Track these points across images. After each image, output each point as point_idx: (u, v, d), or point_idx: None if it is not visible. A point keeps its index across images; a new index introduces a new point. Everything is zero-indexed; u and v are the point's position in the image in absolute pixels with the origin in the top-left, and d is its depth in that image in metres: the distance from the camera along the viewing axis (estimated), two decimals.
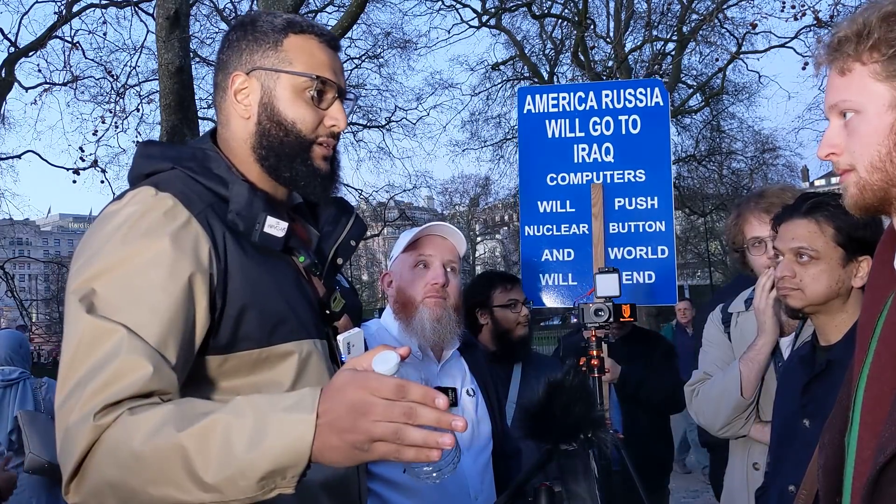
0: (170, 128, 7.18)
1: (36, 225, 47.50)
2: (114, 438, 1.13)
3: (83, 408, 1.15)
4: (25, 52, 13.95)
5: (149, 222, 1.30)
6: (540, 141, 4.37)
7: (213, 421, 1.11)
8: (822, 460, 1.27)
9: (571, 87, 4.59)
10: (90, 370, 1.17)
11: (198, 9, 13.66)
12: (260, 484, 1.08)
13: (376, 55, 19.10)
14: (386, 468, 2.04)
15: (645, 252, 4.19)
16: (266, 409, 1.11)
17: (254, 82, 1.47)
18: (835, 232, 1.93)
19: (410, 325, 2.16)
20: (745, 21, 15.92)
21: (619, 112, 4.31)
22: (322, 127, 1.48)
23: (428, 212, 37.30)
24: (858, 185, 1.23)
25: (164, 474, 1.10)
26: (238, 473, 1.08)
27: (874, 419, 1.15)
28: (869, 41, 1.20)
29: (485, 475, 2.19)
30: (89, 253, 1.30)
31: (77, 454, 1.14)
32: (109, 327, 1.20)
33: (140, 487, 1.12)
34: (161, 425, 1.12)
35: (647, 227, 4.21)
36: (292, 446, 1.07)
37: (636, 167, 4.25)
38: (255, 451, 1.07)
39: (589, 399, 1.97)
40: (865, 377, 1.21)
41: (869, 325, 1.25)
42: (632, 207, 4.23)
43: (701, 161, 21.80)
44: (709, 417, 2.61)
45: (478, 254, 47.74)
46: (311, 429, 1.07)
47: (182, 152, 1.48)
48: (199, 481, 1.09)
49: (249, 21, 1.51)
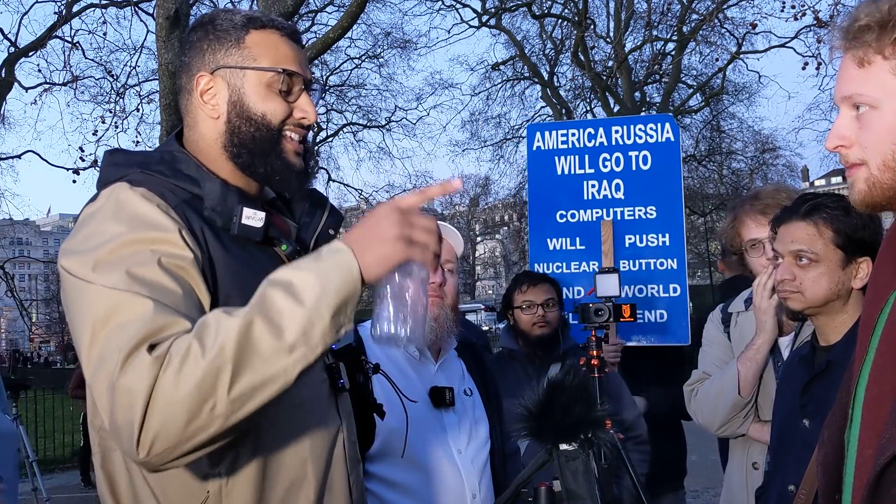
0: (170, 128, 7.17)
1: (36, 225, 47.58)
2: (181, 362, 1.13)
3: (126, 355, 1.14)
4: (25, 52, 13.97)
5: (133, 205, 1.33)
6: (549, 178, 4.32)
7: (264, 290, 1.20)
8: (822, 457, 1.27)
9: (581, 124, 4.56)
10: (115, 329, 1.17)
11: (198, 9, 13.65)
12: (333, 322, 1.19)
13: (376, 55, 19.14)
14: (385, 468, 2.04)
15: (656, 290, 4.11)
16: (316, 261, 1.24)
17: (219, 81, 1.46)
18: (834, 234, 1.93)
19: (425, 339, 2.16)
20: (745, 21, 15.95)
21: (630, 148, 4.25)
22: (291, 118, 1.48)
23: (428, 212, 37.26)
24: (868, 181, 1.20)
25: (243, 360, 1.13)
26: (318, 319, 1.18)
27: (875, 419, 1.15)
28: (894, 33, 1.14)
29: (483, 476, 2.19)
30: (80, 240, 1.31)
31: (143, 394, 1.12)
32: (123, 295, 1.21)
33: (222, 394, 1.13)
34: (218, 323, 1.16)
35: (658, 265, 4.14)
36: (347, 276, 1.21)
37: (647, 204, 4.19)
38: (324, 293, 1.19)
39: (589, 399, 1.97)
40: (866, 375, 1.21)
41: (870, 323, 1.25)
42: (643, 245, 4.17)
43: (701, 161, 21.82)
44: (707, 416, 2.61)
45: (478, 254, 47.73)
46: (353, 257, 1.23)
47: (149, 157, 1.48)
48: (286, 344, 1.16)
49: (209, 20, 1.50)
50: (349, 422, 1.56)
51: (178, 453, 1.15)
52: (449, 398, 2.18)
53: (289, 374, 1.17)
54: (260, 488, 1.36)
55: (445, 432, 2.15)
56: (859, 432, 1.19)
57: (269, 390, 1.17)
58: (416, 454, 2.06)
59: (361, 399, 1.66)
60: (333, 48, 14.36)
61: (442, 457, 2.11)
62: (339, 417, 1.52)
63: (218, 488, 1.33)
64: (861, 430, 1.19)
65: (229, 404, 1.14)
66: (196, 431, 1.13)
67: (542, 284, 3.43)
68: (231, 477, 1.34)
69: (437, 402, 2.16)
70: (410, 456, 2.04)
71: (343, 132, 21.48)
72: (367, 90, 19.98)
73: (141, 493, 1.35)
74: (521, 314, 3.34)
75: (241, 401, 1.15)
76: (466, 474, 2.13)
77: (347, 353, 1.61)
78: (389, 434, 2.00)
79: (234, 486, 1.34)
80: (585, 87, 19.43)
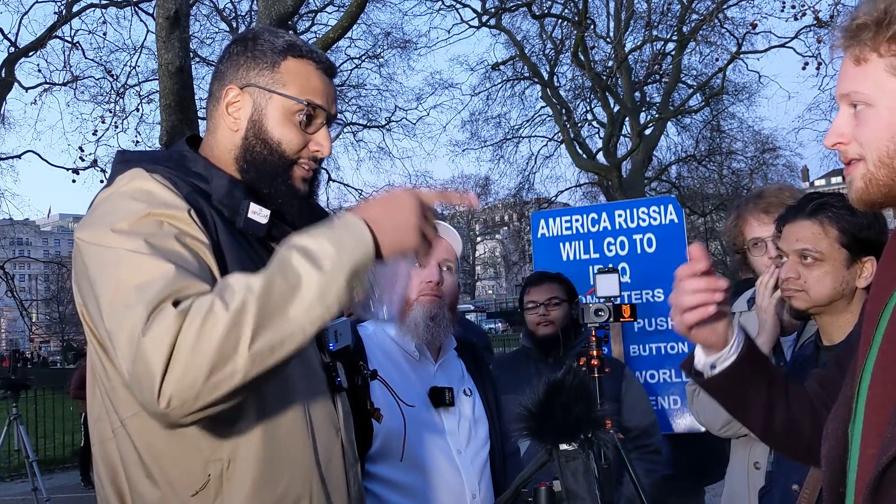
0: (170, 128, 7.17)
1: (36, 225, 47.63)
2: (203, 317, 1.16)
3: (151, 309, 1.17)
4: (25, 52, 13.97)
5: (149, 185, 1.36)
6: (555, 264, 4.30)
7: (284, 253, 1.25)
8: (826, 450, 1.27)
9: (584, 210, 4.55)
10: (140, 286, 1.20)
11: (198, 9, 13.69)
12: (347, 286, 1.25)
13: (376, 55, 19.12)
14: (385, 469, 2.04)
15: (668, 375, 4.05)
16: (318, 233, 1.28)
17: (246, 98, 1.50)
18: (839, 233, 1.93)
19: (405, 322, 2.16)
20: (745, 21, 15.92)
21: (634, 231, 4.25)
22: (306, 150, 1.52)
23: None
24: (865, 178, 1.21)
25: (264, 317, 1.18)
26: (335, 280, 1.23)
27: (878, 418, 1.15)
28: (889, 31, 1.16)
29: (483, 476, 2.19)
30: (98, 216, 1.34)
31: (167, 344, 1.14)
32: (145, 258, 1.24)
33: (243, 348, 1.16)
34: (239, 283, 1.21)
35: (669, 349, 4.09)
36: (363, 247, 1.27)
37: (654, 287, 4.16)
38: (340, 258, 1.25)
39: (589, 399, 1.97)
40: (869, 371, 1.21)
41: (873, 318, 1.25)
42: (652, 329, 4.14)
43: (701, 161, 21.82)
44: (709, 417, 2.61)
45: (478, 254, 47.75)
46: (367, 229, 1.30)
47: (158, 155, 1.53)
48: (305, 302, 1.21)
49: (252, 37, 1.54)
50: (347, 421, 1.57)
51: (197, 406, 1.16)
52: (448, 398, 2.17)
53: (306, 332, 1.22)
54: (260, 472, 1.36)
55: (445, 432, 2.15)
56: (862, 430, 1.19)
57: (287, 347, 1.20)
58: (416, 454, 2.06)
59: (359, 403, 1.67)
60: (333, 48, 14.35)
61: (441, 457, 2.11)
62: (337, 415, 1.53)
63: (219, 472, 1.34)
64: (864, 428, 1.19)
65: (250, 358, 1.16)
66: (217, 384, 1.15)
67: (546, 283, 3.47)
68: (232, 460, 1.35)
69: (436, 402, 2.16)
70: (410, 456, 2.04)
71: (343, 132, 21.49)
72: (367, 90, 19.96)
73: (141, 479, 1.36)
74: (527, 314, 3.43)
75: (262, 356, 1.17)
76: (466, 474, 2.12)
77: (345, 355, 1.62)
78: (389, 435, 2.00)
79: (234, 469, 1.35)
80: (585, 87, 19.44)
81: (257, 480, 1.36)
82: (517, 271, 34.03)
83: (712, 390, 1.51)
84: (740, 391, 1.49)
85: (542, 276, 3.57)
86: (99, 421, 1.42)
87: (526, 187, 22.05)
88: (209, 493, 1.33)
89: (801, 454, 1.56)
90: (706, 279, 1.36)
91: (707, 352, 1.47)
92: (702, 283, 1.36)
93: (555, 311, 3.35)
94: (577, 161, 18.95)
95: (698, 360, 1.50)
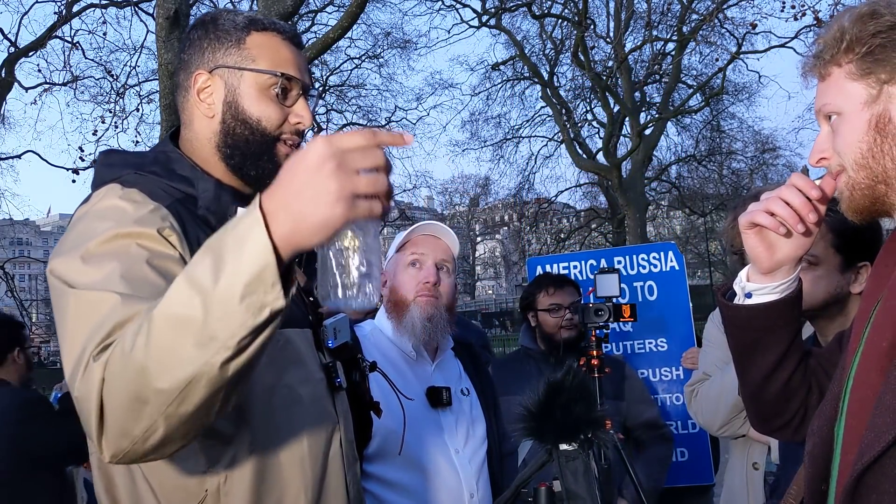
0: (169, 128, 7.17)
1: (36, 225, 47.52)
2: (115, 362, 1.05)
3: (85, 360, 1.09)
4: (25, 52, 13.96)
5: (122, 203, 1.31)
6: None
7: (176, 282, 1.04)
8: (810, 447, 1.27)
9: (583, 256, 4.46)
10: (85, 334, 1.12)
11: (198, 9, 13.64)
12: (245, 304, 0.99)
13: (376, 55, 19.12)
14: (383, 468, 2.04)
15: (675, 427, 3.94)
16: (216, 237, 1.04)
17: (217, 81, 1.46)
18: (834, 237, 1.93)
19: (402, 323, 2.17)
20: (745, 21, 15.92)
21: (634, 279, 4.17)
22: (287, 124, 1.47)
23: (428, 212, 37.33)
24: (849, 185, 1.25)
25: (158, 360, 1.02)
26: (220, 305, 0.99)
27: (857, 423, 1.15)
28: (843, 43, 1.23)
29: (480, 475, 2.19)
30: (69, 241, 1.30)
31: (94, 398, 1.06)
32: (97, 295, 1.16)
33: (150, 393, 1.03)
34: (142, 321, 1.05)
35: (674, 401, 4.01)
36: (252, 247, 0.99)
37: (657, 336, 4.08)
38: (222, 273, 0.99)
39: (589, 399, 1.97)
40: (854, 373, 1.22)
41: (863, 317, 1.25)
42: (656, 379, 4.06)
43: (701, 161, 21.82)
44: (708, 417, 2.61)
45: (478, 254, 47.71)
46: (259, 222, 0.99)
47: (144, 157, 1.48)
48: (195, 338, 1.00)
49: (211, 19, 1.50)
50: (346, 420, 1.56)
51: (139, 453, 1.10)
52: (446, 398, 2.18)
53: (212, 370, 1.01)
54: (258, 487, 1.35)
55: (443, 432, 2.15)
56: (843, 435, 1.19)
57: (197, 390, 1.03)
58: (414, 454, 2.06)
59: (358, 397, 1.66)
60: (333, 48, 14.36)
61: (439, 456, 2.11)
62: (336, 416, 1.52)
63: (216, 487, 1.32)
64: (845, 431, 1.19)
65: (158, 408, 1.04)
66: (145, 433, 1.07)
67: (567, 287, 3.42)
68: (229, 475, 1.33)
69: (434, 401, 2.16)
70: (408, 456, 2.04)
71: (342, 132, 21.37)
72: (367, 90, 19.94)
73: (138, 491, 1.34)
74: (549, 317, 3.34)
75: (169, 403, 1.04)
76: (464, 474, 2.13)
77: (344, 352, 1.61)
78: (387, 434, 2.00)
79: (232, 484, 1.33)
80: (585, 87, 19.45)
81: (255, 493, 1.34)
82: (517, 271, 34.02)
83: (736, 319, 1.44)
84: (762, 333, 1.42)
85: (562, 279, 3.51)
86: None
87: (526, 187, 22.09)
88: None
89: (775, 426, 1.51)
90: (806, 204, 1.29)
91: (753, 276, 1.41)
92: (799, 201, 1.29)
93: (576, 315, 3.31)
94: (577, 161, 18.96)
95: (738, 280, 1.44)
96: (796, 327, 1.44)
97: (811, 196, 1.30)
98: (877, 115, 1.21)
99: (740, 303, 1.44)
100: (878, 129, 1.21)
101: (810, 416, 1.38)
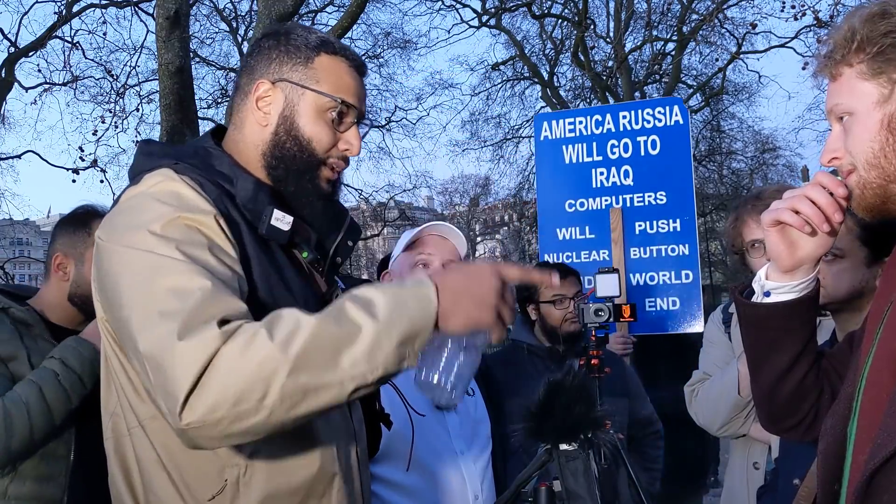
0: (170, 128, 7.18)
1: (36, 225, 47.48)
2: (251, 345, 1.13)
3: (190, 320, 1.14)
4: (25, 52, 13.95)
5: (179, 188, 1.34)
6: (557, 167, 4.29)
7: (343, 302, 1.20)
8: (822, 446, 1.27)
9: (588, 111, 4.50)
10: (176, 294, 1.17)
11: (198, 9, 13.68)
12: (398, 350, 1.18)
13: (376, 55, 19.08)
14: (387, 469, 2.04)
15: (668, 277, 4.07)
16: (395, 287, 1.24)
17: (278, 93, 1.48)
18: (861, 230, 1.92)
19: None
20: (745, 21, 15.90)
21: (638, 133, 4.20)
22: (335, 149, 1.50)
23: (428, 212, 37.29)
24: (860, 184, 1.25)
25: (305, 359, 1.13)
26: (380, 339, 1.16)
27: (869, 423, 1.16)
28: (854, 43, 1.23)
29: (485, 475, 2.19)
30: (125, 217, 1.31)
31: (202, 360, 1.11)
32: (179, 264, 1.21)
33: (275, 385, 1.12)
34: (290, 318, 1.16)
35: (669, 252, 4.09)
36: (424, 310, 1.20)
37: (657, 189, 4.15)
38: (392, 316, 1.18)
39: (589, 399, 1.97)
40: (867, 372, 1.22)
41: (876, 318, 1.26)
42: (653, 231, 4.12)
43: (701, 161, 21.80)
44: (708, 417, 2.61)
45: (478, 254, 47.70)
46: (434, 293, 1.22)
47: (183, 150, 1.49)
48: (346, 357, 1.14)
49: (284, 32, 1.53)
50: (360, 428, 1.58)
51: (215, 433, 1.14)
52: None
53: (344, 388, 1.16)
54: (276, 479, 1.36)
55: (448, 433, 2.15)
56: (856, 435, 1.19)
57: (320, 398, 1.15)
58: (419, 455, 2.06)
59: (369, 407, 1.66)
60: None
61: (444, 458, 2.11)
62: (350, 416, 1.53)
63: (236, 478, 1.33)
64: (857, 431, 1.19)
65: (279, 398, 1.12)
66: (241, 415, 1.12)
67: (571, 277, 3.24)
68: (249, 466, 1.34)
69: None
70: (413, 457, 2.04)
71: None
72: (367, 90, 19.93)
73: (157, 480, 1.34)
74: (553, 309, 3.15)
75: (292, 399, 1.13)
76: (468, 475, 2.13)
77: None
78: (392, 436, 2.00)
79: (251, 475, 1.34)
80: (585, 87, 19.42)
81: (274, 487, 1.35)
82: None
83: (754, 318, 1.44)
84: (779, 333, 1.42)
85: (567, 270, 3.34)
86: (114, 416, 1.41)
87: (526, 187, 22.05)
88: (226, 497, 1.33)
89: (786, 426, 1.50)
90: (832, 203, 1.28)
91: (773, 274, 1.40)
92: (826, 201, 1.28)
93: (573, 305, 3.15)
94: None
95: (758, 278, 1.43)
96: (812, 327, 1.44)
97: (838, 195, 1.29)
98: (889, 115, 1.22)
99: (759, 301, 1.43)
100: (890, 129, 1.21)
101: (821, 417, 1.38)
